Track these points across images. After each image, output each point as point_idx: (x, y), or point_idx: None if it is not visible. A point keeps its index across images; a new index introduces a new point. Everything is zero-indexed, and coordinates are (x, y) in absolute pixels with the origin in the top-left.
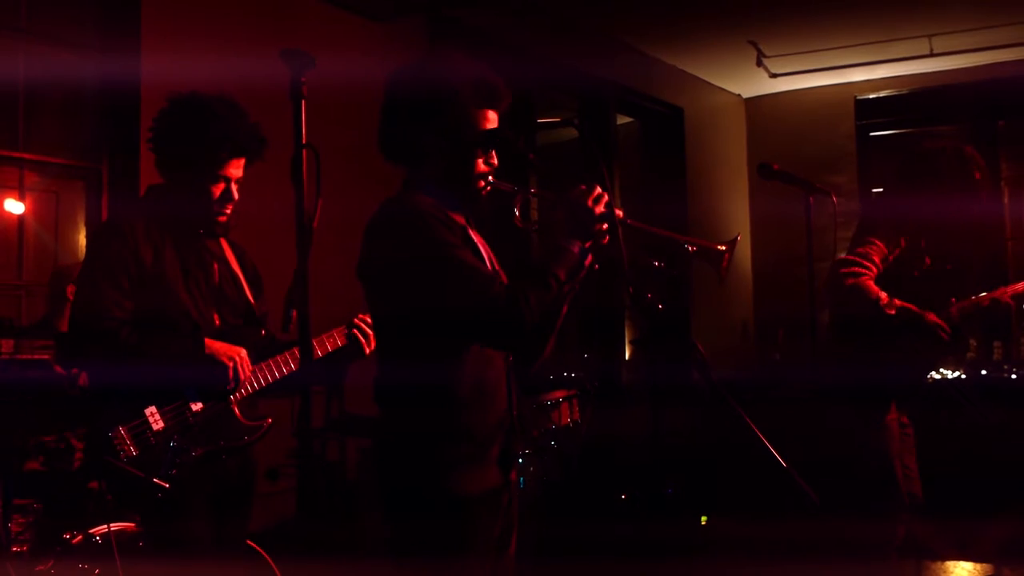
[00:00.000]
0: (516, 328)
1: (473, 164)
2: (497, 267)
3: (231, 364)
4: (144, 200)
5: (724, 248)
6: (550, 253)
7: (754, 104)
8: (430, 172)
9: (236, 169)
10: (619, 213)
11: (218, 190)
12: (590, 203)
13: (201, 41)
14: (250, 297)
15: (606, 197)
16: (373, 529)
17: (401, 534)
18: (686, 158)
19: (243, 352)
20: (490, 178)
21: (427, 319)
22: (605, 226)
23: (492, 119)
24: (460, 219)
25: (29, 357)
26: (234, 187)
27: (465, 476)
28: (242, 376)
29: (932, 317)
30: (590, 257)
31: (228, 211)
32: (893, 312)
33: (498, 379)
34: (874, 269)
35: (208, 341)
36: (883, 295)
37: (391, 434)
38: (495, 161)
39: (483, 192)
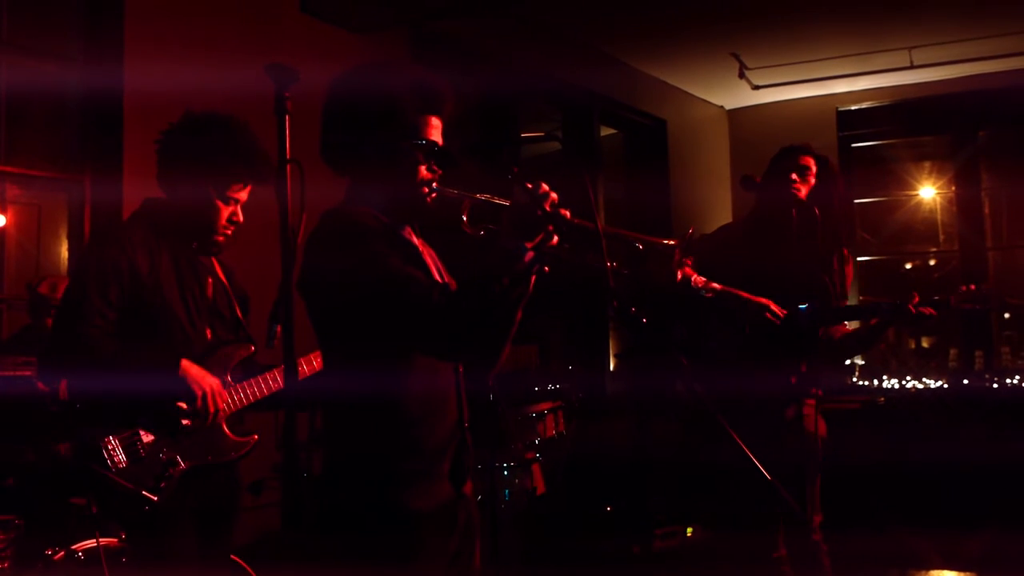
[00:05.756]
0: (454, 337)
1: (415, 172)
2: (445, 276)
3: (200, 394)
4: (142, 211)
5: (674, 243)
6: (493, 257)
7: (737, 116)
8: (372, 181)
9: (244, 193)
10: (565, 214)
11: (227, 212)
12: (533, 203)
13: (185, 53)
14: (240, 315)
15: (553, 197)
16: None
17: (349, 551)
18: (669, 169)
19: (217, 386)
20: (435, 184)
21: (365, 332)
22: (551, 227)
23: (436, 125)
24: (403, 227)
25: (12, 374)
26: (239, 209)
27: (415, 492)
28: (210, 409)
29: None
30: (530, 255)
31: (230, 232)
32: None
33: (448, 391)
34: None
35: (185, 364)
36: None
37: (337, 449)
38: (438, 168)
39: (427, 199)
